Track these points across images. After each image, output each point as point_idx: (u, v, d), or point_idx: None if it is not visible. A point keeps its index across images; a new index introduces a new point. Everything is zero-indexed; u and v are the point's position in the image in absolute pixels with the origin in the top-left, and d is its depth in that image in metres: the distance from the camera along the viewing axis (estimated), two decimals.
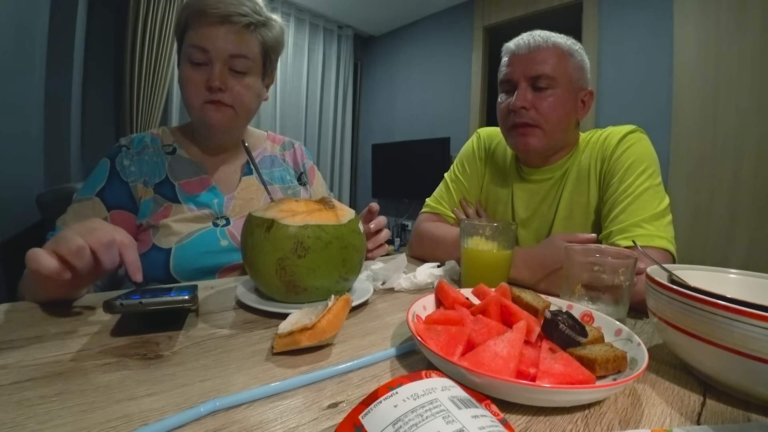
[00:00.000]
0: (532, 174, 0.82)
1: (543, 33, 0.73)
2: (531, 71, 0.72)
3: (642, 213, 0.64)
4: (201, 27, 0.64)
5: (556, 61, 0.71)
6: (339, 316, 0.37)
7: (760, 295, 0.39)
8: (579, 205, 0.76)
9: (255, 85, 0.71)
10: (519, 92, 0.72)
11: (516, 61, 0.74)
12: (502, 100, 0.78)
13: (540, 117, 0.72)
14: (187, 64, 0.66)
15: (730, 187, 1.74)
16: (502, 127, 0.80)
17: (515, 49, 0.74)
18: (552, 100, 0.72)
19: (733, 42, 1.73)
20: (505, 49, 0.78)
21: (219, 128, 0.69)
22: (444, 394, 0.21)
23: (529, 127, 0.73)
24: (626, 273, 0.46)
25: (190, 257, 0.66)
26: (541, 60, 0.71)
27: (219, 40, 0.64)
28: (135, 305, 0.37)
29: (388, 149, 3.41)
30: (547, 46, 0.72)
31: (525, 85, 0.72)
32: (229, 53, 0.65)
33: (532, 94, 0.72)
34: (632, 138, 0.72)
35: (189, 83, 0.66)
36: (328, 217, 0.47)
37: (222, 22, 0.64)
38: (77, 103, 1.98)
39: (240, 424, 0.25)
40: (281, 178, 0.83)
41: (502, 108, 0.77)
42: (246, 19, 0.65)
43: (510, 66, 0.75)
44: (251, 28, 0.67)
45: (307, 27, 3.25)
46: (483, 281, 0.45)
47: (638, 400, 0.31)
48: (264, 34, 0.69)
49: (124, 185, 0.68)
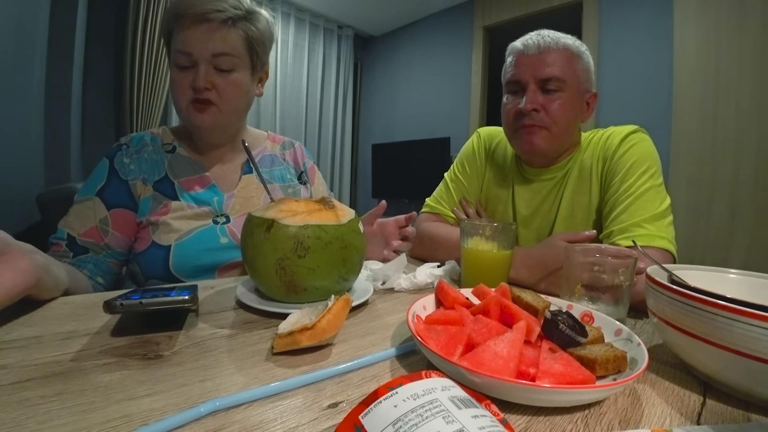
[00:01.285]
0: (534, 174, 0.82)
1: (552, 33, 0.72)
2: (541, 73, 0.70)
3: (643, 213, 0.64)
4: (182, 31, 0.65)
5: (566, 63, 0.71)
6: (339, 316, 0.37)
7: (760, 295, 0.39)
8: (580, 205, 0.76)
9: (242, 81, 0.70)
10: (529, 94, 0.71)
11: (525, 62, 0.72)
12: (508, 101, 0.77)
13: (548, 119, 0.71)
14: (175, 69, 0.67)
15: (730, 187, 1.74)
16: (508, 128, 0.78)
17: (524, 49, 0.73)
18: (561, 102, 0.71)
19: (733, 42, 1.73)
20: (512, 49, 0.76)
21: (205, 129, 0.70)
22: (444, 394, 0.21)
23: (537, 128, 0.72)
24: (626, 273, 0.46)
25: (190, 254, 0.66)
26: (551, 62, 0.70)
27: (199, 41, 0.64)
28: (135, 305, 0.37)
29: (388, 149, 3.41)
30: (557, 47, 0.71)
31: (534, 87, 0.71)
32: (210, 52, 0.65)
33: (541, 96, 0.71)
34: (634, 138, 0.72)
35: (176, 86, 0.67)
36: (328, 217, 0.47)
37: (200, 21, 0.64)
38: (77, 103, 1.98)
39: (240, 424, 0.25)
40: (281, 177, 0.83)
41: (509, 109, 0.76)
42: (223, 14, 0.65)
43: (518, 67, 0.73)
44: (230, 23, 0.66)
45: (307, 27, 3.26)
46: (483, 281, 0.45)
47: (638, 400, 0.31)
48: (246, 28, 0.68)
49: (123, 184, 0.68)
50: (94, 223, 0.65)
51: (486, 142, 0.92)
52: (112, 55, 2.29)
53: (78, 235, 0.64)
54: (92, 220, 0.65)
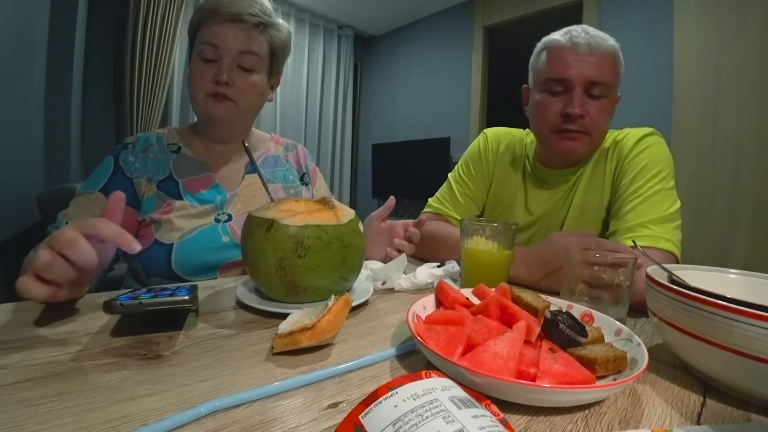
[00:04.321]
0: (550, 175, 0.80)
1: (597, 32, 0.69)
2: (592, 76, 0.67)
3: (650, 214, 0.63)
4: (213, 25, 0.68)
5: (613, 67, 0.68)
6: (339, 316, 0.37)
7: (760, 295, 0.39)
8: (591, 205, 0.75)
9: (260, 83, 0.73)
10: (577, 98, 0.68)
11: (574, 61, 0.67)
12: (546, 100, 0.72)
13: (591, 125, 0.69)
14: (198, 61, 0.69)
15: (730, 187, 1.74)
16: (545, 127, 0.73)
17: (572, 47, 0.68)
18: (604, 108, 0.69)
19: (733, 42, 1.73)
20: (553, 43, 0.71)
21: (221, 119, 0.72)
22: (444, 394, 0.21)
23: (580, 134, 0.70)
24: (626, 273, 0.46)
25: (192, 253, 0.67)
26: (604, 65, 0.67)
27: (229, 37, 0.67)
28: (135, 305, 0.37)
29: (388, 149, 3.41)
30: (607, 50, 0.67)
31: (581, 90, 0.68)
32: (238, 50, 0.68)
33: (586, 101, 0.68)
34: (649, 140, 0.71)
35: (197, 76, 0.69)
36: (328, 217, 0.47)
37: (233, 20, 0.67)
38: (77, 103, 1.98)
39: (240, 424, 0.25)
40: (284, 178, 0.85)
41: (553, 110, 0.71)
42: (256, 18, 0.68)
43: (566, 65, 0.68)
44: (260, 28, 0.70)
45: (307, 27, 3.25)
46: (483, 281, 0.45)
47: (638, 400, 0.31)
48: (272, 35, 0.73)
49: (127, 181, 0.69)
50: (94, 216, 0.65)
51: (493, 143, 0.90)
52: (112, 55, 2.28)
53: None
54: (92, 213, 0.65)
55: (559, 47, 0.70)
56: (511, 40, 2.84)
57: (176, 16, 2.35)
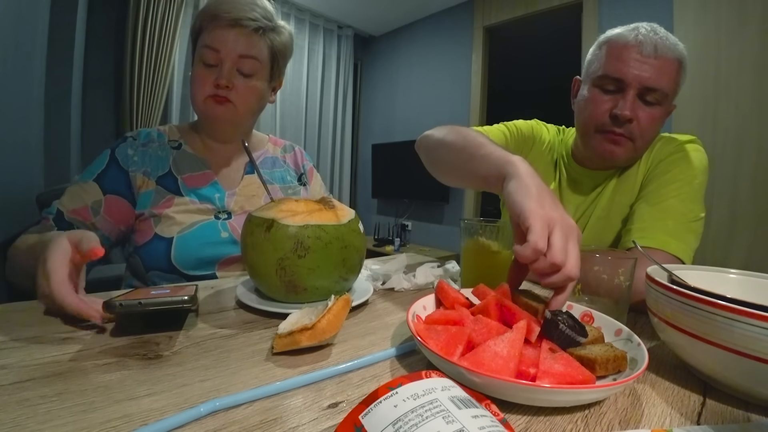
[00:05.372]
0: (585, 175, 0.77)
1: (667, 33, 0.65)
2: (649, 81, 0.62)
3: (669, 217, 0.62)
4: (214, 29, 0.68)
5: (675, 75, 0.64)
6: (339, 316, 0.37)
7: (760, 295, 0.39)
8: (619, 205, 0.73)
9: (260, 87, 0.74)
10: (629, 100, 0.64)
11: (636, 62, 0.63)
12: (597, 96, 0.68)
13: (638, 131, 0.65)
14: (200, 65, 0.70)
15: (730, 187, 1.73)
16: (590, 124, 0.69)
17: (637, 45, 0.63)
18: (655, 116, 0.65)
19: (733, 41, 1.73)
20: (618, 37, 0.66)
21: (221, 120, 0.72)
22: (444, 394, 0.21)
23: (624, 139, 0.66)
24: (626, 273, 0.46)
25: (191, 247, 0.67)
26: (665, 71, 0.63)
27: (229, 42, 0.68)
28: (135, 305, 0.37)
29: (388, 149, 3.40)
30: (674, 55, 0.63)
31: (634, 93, 0.64)
32: (238, 53, 0.69)
33: (638, 105, 0.65)
34: (688, 147, 0.69)
35: (198, 79, 0.70)
36: (328, 217, 0.47)
37: (233, 25, 0.68)
38: (77, 103, 1.98)
39: (240, 424, 0.25)
40: (282, 178, 0.85)
41: (603, 108, 0.67)
42: (256, 23, 0.69)
43: (626, 63, 0.63)
44: (261, 32, 0.70)
45: (307, 27, 3.25)
46: (483, 281, 0.45)
47: (638, 400, 0.31)
48: (273, 39, 0.73)
49: (122, 173, 0.69)
50: (86, 204, 0.65)
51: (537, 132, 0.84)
52: (112, 54, 2.28)
53: (67, 212, 0.64)
54: (84, 201, 0.65)
55: (623, 43, 0.65)
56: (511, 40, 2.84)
57: (176, 17, 2.35)
